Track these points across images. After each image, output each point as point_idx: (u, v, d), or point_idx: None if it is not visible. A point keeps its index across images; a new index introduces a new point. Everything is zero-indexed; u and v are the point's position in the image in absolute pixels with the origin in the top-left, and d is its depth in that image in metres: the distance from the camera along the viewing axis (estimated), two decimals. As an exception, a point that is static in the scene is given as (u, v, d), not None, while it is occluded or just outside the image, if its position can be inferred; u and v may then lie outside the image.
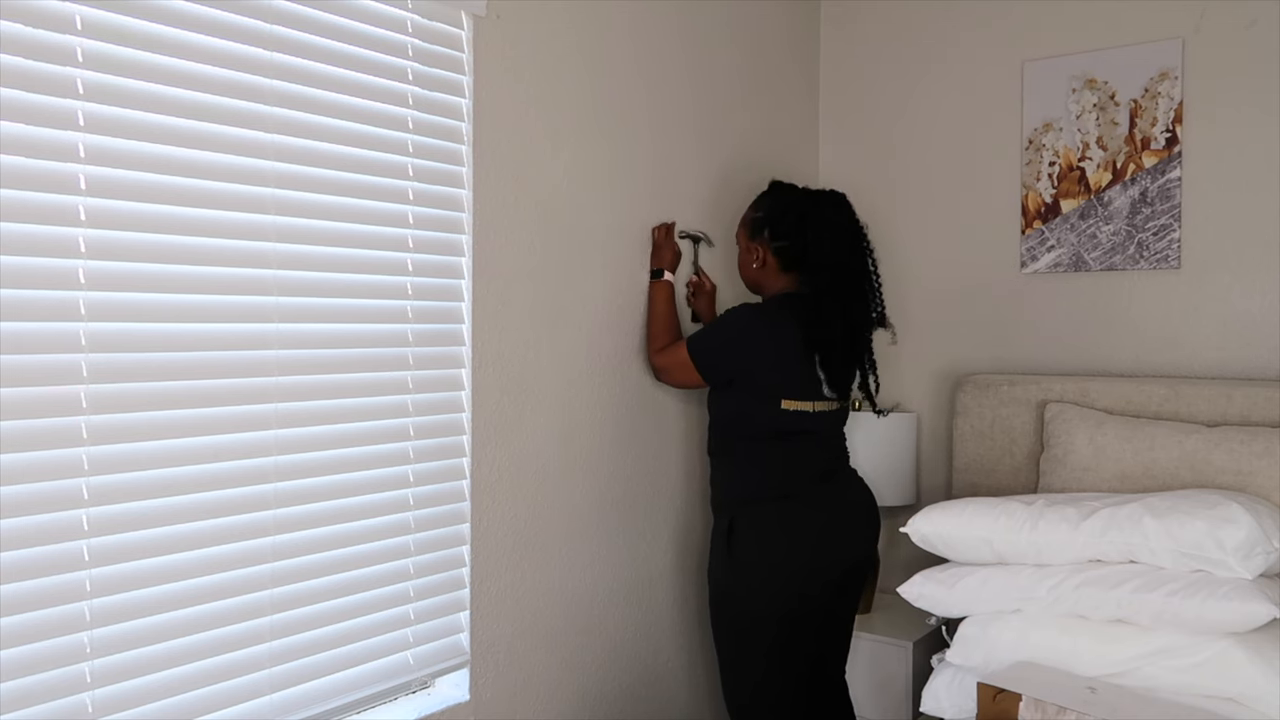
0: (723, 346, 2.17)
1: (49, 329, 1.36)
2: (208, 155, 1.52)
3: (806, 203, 2.20)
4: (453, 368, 1.93)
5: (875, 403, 2.31)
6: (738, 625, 2.14)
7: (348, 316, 1.74)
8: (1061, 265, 2.64)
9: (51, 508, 1.37)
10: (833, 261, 2.14)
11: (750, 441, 2.16)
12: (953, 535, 2.07)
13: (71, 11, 1.37)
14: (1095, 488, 2.24)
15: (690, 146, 2.50)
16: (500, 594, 2.01)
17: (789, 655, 2.11)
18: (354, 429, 1.76)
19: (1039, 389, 2.52)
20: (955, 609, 2.06)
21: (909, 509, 2.50)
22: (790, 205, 2.20)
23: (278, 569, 1.64)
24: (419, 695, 1.93)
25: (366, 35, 1.74)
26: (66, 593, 1.39)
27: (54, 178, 1.36)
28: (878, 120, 2.97)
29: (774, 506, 2.11)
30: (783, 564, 2.08)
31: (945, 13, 2.83)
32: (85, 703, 1.42)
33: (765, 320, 2.13)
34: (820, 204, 2.20)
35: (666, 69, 2.41)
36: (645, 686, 2.40)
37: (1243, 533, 1.79)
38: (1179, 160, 2.47)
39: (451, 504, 1.93)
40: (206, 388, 1.54)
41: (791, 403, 2.11)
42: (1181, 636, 1.80)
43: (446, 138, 1.89)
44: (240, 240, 1.57)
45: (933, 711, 2.08)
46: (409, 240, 1.84)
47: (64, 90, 1.36)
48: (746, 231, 2.26)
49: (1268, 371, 2.38)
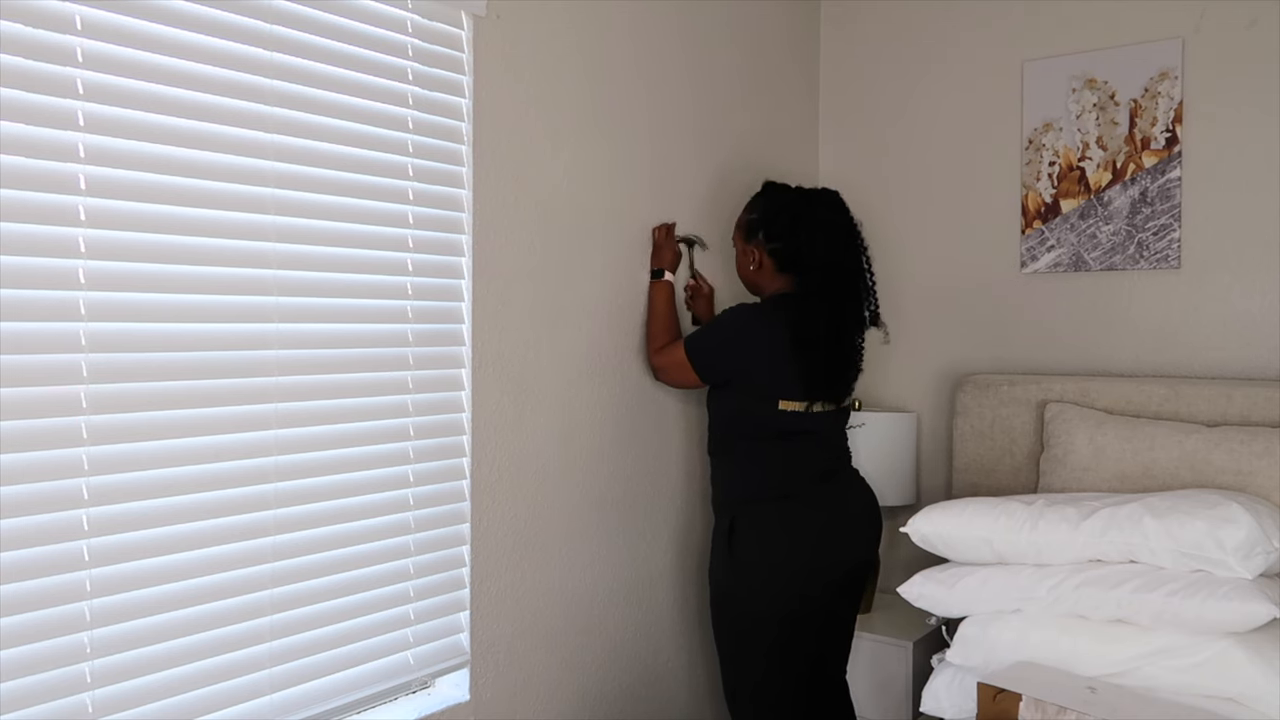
0: (719, 347, 2.18)
1: (49, 329, 1.36)
2: (208, 155, 1.52)
3: (800, 203, 2.20)
4: (453, 368, 1.93)
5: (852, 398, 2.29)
6: (738, 625, 2.14)
7: (348, 316, 1.74)
8: (1061, 265, 2.64)
9: (51, 508, 1.37)
10: (826, 261, 2.14)
11: (750, 441, 2.16)
12: (953, 535, 2.07)
13: (71, 11, 1.37)
14: (1095, 488, 2.24)
15: (690, 146, 2.50)
16: (500, 594, 2.01)
17: (789, 655, 2.11)
18: (354, 429, 1.76)
19: (1039, 389, 2.52)
20: (955, 609, 2.06)
21: (909, 509, 2.50)
22: (784, 206, 2.20)
23: (278, 569, 1.64)
24: (419, 695, 1.93)
25: (366, 35, 1.74)
26: (66, 593, 1.39)
27: (54, 178, 1.36)
28: (878, 120, 2.97)
29: (774, 506, 2.11)
30: (783, 564, 2.08)
31: (945, 13, 2.83)
32: (85, 703, 1.42)
33: (761, 320, 2.13)
34: (813, 204, 2.20)
35: (666, 69, 2.41)
36: (645, 686, 2.40)
37: (1243, 533, 1.79)
38: (1179, 160, 2.47)
39: (451, 504, 1.93)
40: (206, 388, 1.54)
41: (788, 403, 2.11)
42: (1181, 636, 1.80)
43: (446, 138, 1.89)
44: (240, 240, 1.57)
45: (933, 711, 2.08)
46: (409, 240, 1.84)
47: (64, 90, 1.36)
48: (742, 234, 2.26)
49: (1268, 371, 2.38)
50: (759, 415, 2.13)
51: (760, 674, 2.12)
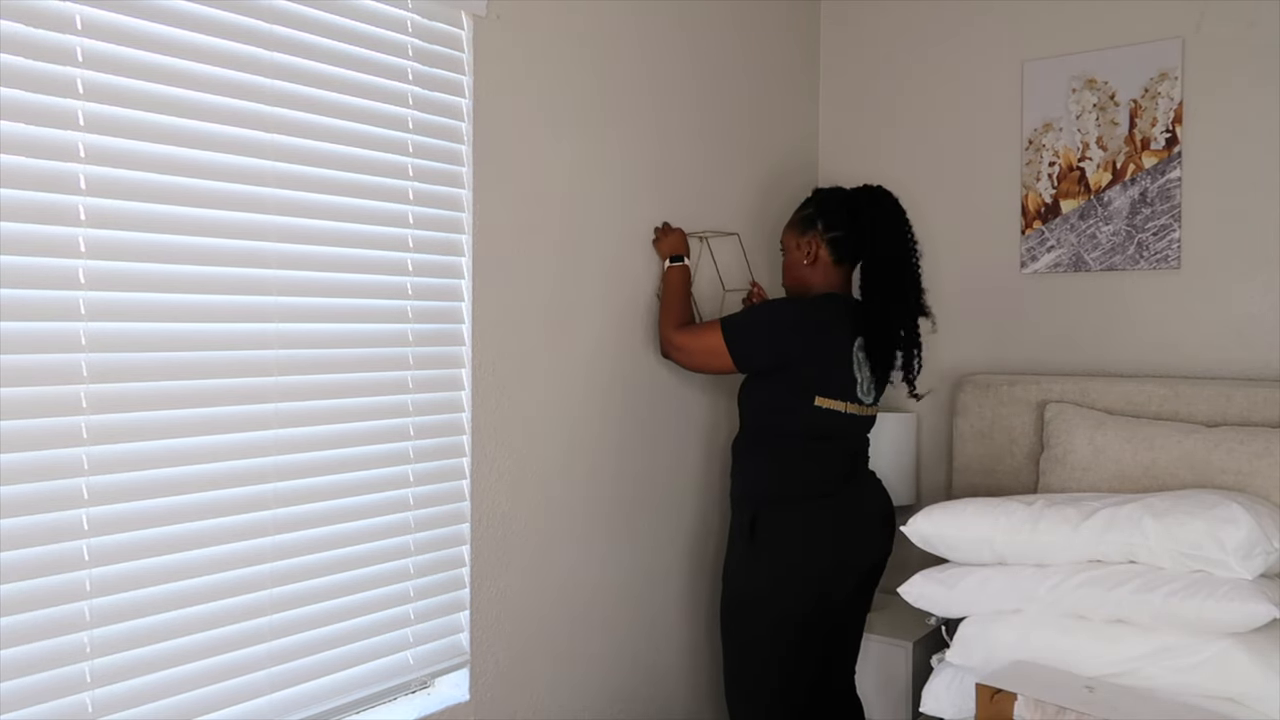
0: (763, 333, 2.13)
1: (49, 329, 1.36)
2: (208, 155, 1.52)
3: (858, 196, 2.21)
4: (453, 368, 1.93)
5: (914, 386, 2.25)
6: (753, 624, 2.12)
7: (348, 316, 1.74)
8: (1061, 265, 2.64)
9: (51, 508, 1.37)
10: (885, 254, 2.13)
11: (780, 439, 2.14)
12: (953, 535, 2.07)
13: (71, 11, 1.37)
14: (1095, 488, 2.24)
15: (690, 146, 2.50)
16: (500, 594, 2.01)
17: (798, 656, 2.11)
18: (354, 429, 1.76)
19: (1039, 389, 2.52)
20: (955, 609, 2.06)
21: (909, 509, 2.51)
22: (841, 200, 2.21)
23: (278, 569, 1.64)
24: (419, 695, 1.93)
25: (366, 35, 1.74)
26: (66, 593, 1.39)
27: (54, 177, 1.36)
28: (878, 120, 2.97)
29: (798, 506, 2.10)
30: (804, 564, 2.08)
31: (945, 13, 2.83)
32: (85, 703, 1.42)
33: (808, 312, 2.12)
34: (870, 197, 2.19)
35: (667, 69, 2.41)
36: (645, 686, 2.40)
37: (1243, 533, 1.79)
38: (1179, 160, 2.47)
39: (451, 504, 1.93)
40: (206, 387, 1.54)
41: (825, 400, 2.09)
42: (1181, 636, 1.80)
43: (446, 138, 1.89)
44: (240, 240, 1.57)
45: (933, 711, 2.08)
46: (409, 240, 1.84)
47: (64, 90, 1.36)
48: (796, 230, 2.24)
49: (1268, 371, 2.37)
50: (794, 412, 2.11)
51: (767, 673, 2.11)
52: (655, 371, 2.39)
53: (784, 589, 2.08)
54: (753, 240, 2.68)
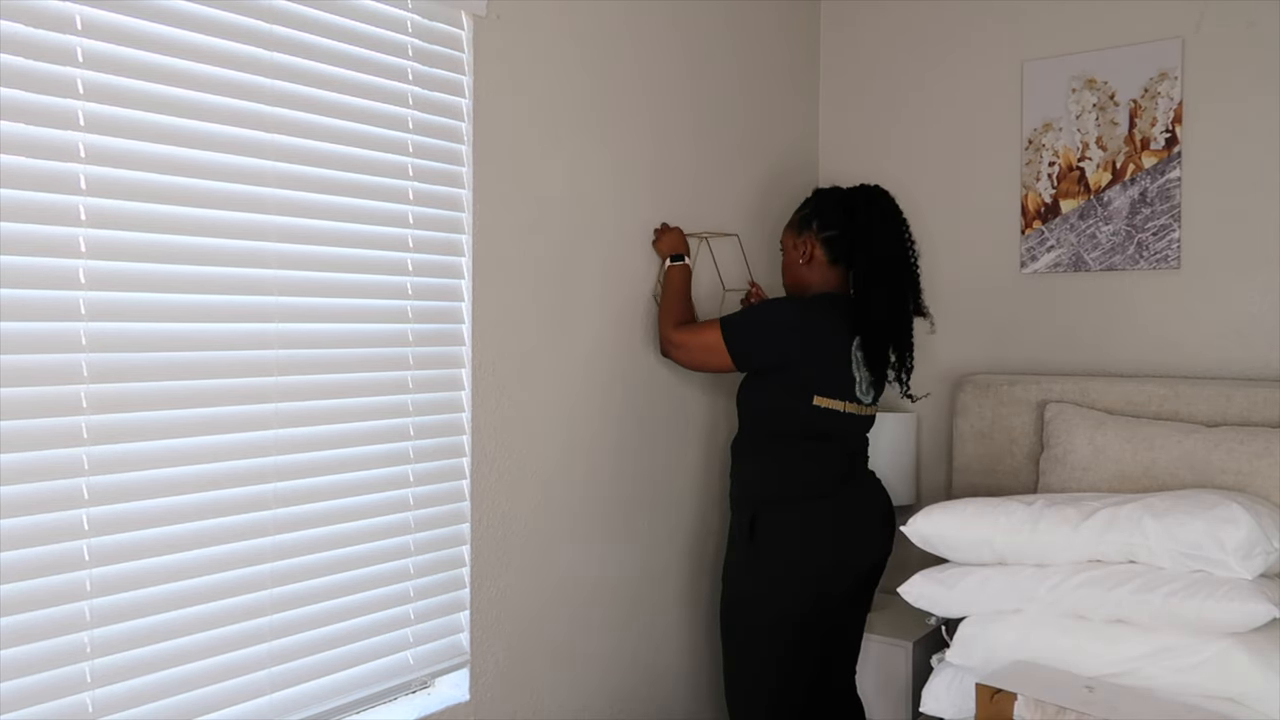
0: (762, 330, 2.13)
1: (49, 329, 1.36)
2: (208, 155, 1.52)
3: (854, 196, 2.21)
4: (453, 368, 1.93)
5: (907, 387, 2.27)
6: (753, 624, 2.12)
7: (348, 316, 1.74)
8: (1061, 265, 2.64)
9: (51, 508, 1.37)
10: (881, 254, 2.13)
11: (779, 439, 2.14)
12: (953, 535, 2.07)
13: (71, 11, 1.37)
14: (1095, 488, 2.24)
15: (690, 146, 2.50)
16: (500, 594, 2.01)
17: (797, 656, 2.11)
18: (354, 429, 1.76)
19: (1039, 389, 2.52)
20: (955, 609, 2.06)
21: (909, 509, 2.50)
22: (838, 200, 2.22)
23: (278, 569, 1.64)
24: (419, 695, 1.93)
25: (366, 35, 1.74)
26: (66, 593, 1.39)
27: (54, 178, 1.36)
28: (878, 120, 2.97)
29: (797, 506, 2.10)
30: (803, 563, 2.08)
31: (945, 13, 2.83)
32: (85, 703, 1.42)
33: (806, 312, 2.12)
34: (866, 196, 2.20)
35: (666, 69, 2.42)
36: (645, 686, 2.40)
37: (1243, 533, 1.79)
38: (1179, 160, 2.47)
39: (451, 504, 1.93)
40: (206, 388, 1.54)
41: (824, 400, 2.09)
42: (1181, 636, 1.80)
43: (446, 138, 1.89)
44: (240, 240, 1.57)
45: (933, 711, 2.08)
46: (409, 240, 1.84)
47: (64, 90, 1.36)
48: (794, 229, 2.25)
49: (1268, 371, 2.38)
50: (792, 411, 2.11)
51: (765, 672, 2.11)
52: (655, 371, 2.39)
53: (783, 589, 2.08)
54: (752, 240, 2.68)
